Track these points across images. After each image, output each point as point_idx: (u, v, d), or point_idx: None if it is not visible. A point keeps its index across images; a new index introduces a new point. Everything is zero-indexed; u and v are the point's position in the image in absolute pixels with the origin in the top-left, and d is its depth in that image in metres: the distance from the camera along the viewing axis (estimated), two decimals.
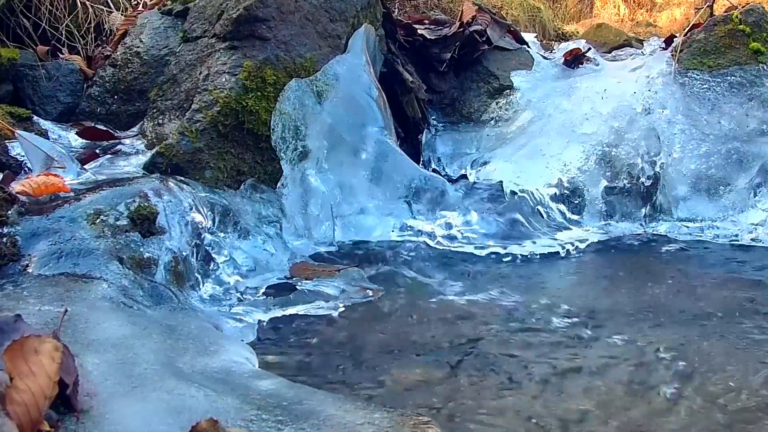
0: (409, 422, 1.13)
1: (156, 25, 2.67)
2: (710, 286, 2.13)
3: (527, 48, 3.27)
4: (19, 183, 1.77)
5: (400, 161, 2.54)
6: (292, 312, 1.83)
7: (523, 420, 1.38)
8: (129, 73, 2.60)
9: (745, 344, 1.73)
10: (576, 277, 2.27)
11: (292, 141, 2.31)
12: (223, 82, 2.25)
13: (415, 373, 1.56)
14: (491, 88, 3.06)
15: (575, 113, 2.85)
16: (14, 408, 0.89)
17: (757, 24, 2.85)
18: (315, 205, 2.35)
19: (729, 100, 2.75)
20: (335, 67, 2.43)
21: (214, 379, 1.24)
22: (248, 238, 2.07)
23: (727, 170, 2.62)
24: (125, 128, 2.51)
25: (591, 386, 1.52)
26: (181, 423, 1.02)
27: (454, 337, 1.75)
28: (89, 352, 1.17)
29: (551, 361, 1.63)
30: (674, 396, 1.48)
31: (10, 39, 2.98)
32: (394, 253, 2.34)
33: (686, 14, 8.54)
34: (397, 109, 2.79)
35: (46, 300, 1.35)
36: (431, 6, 5.46)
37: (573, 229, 2.58)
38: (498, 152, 2.82)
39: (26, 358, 0.95)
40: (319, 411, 1.14)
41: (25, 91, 2.57)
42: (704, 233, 2.57)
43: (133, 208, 1.71)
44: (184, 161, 2.15)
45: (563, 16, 8.15)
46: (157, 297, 1.57)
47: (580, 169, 2.68)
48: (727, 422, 1.38)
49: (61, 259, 1.51)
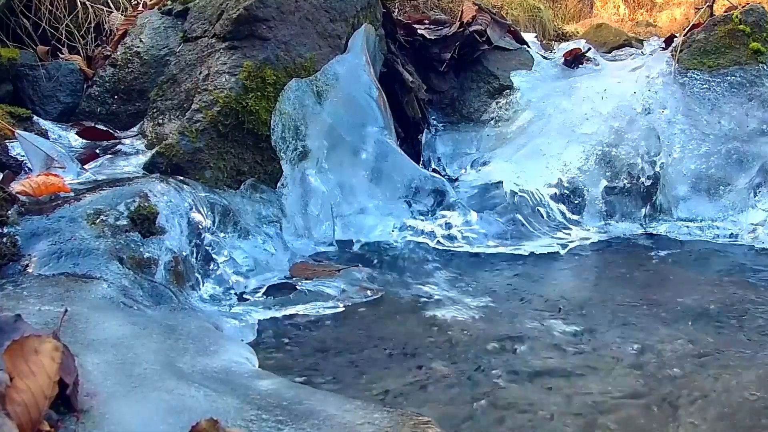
0: (409, 422, 1.13)
1: (156, 25, 2.67)
2: (710, 286, 2.13)
3: (527, 48, 3.27)
4: (19, 183, 1.77)
5: (400, 161, 2.54)
6: (292, 312, 1.83)
7: (523, 420, 1.38)
8: (129, 73, 2.60)
9: (745, 344, 1.74)
10: (576, 277, 2.27)
11: (292, 141, 2.31)
12: (223, 82, 2.25)
13: (415, 373, 1.56)
14: (491, 88, 3.06)
15: (575, 113, 2.85)
16: (14, 408, 0.89)
17: (757, 24, 2.86)
18: (315, 205, 2.35)
19: (729, 100, 2.75)
20: (335, 67, 2.43)
21: (214, 379, 1.24)
22: (248, 238, 2.07)
23: (727, 170, 2.62)
24: (125, 128, 2.51)
25: (591, 386, 1.52)
26: (181, 423, 1.02)
27: (454, 337, 1.75)
28: (89, 352, 1.17)
29: (551, 361, 1.63)
30: (674, 396, 1.48)
31: (10, 39, 2.98)
32: (394, 253, 2.34)
33: (686, 14, 8.53)
34: (397, 109, 2.79)
35: (46, 300, 1.35)
36: (431, 6, 5.46)
37: (573, 229, 2.58)
38: (498, 152, 2.82)
39: (26, 358, 0.95)
40: (319, 411, 1.14)
41: (25, 91, 2.57)
42: (704, 233, 2.57)
43: (133, 208, 1.71)
44: (184, 161, 2.15)
45: (563, 16, 8.14)
46: (157, 297, 1.57)
47: (580, 169, 2.68)
48: (726, 422, 1.38)
49: (61, 259, 1.51)
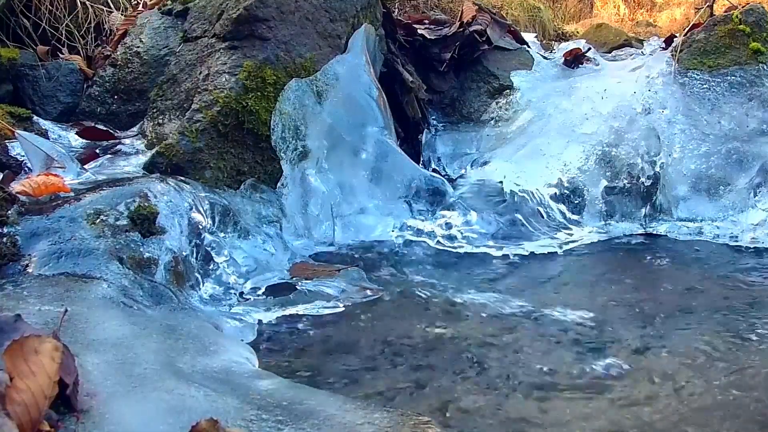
0: (409, 422, 1.13)
1: (156, 25, 2.67)
2: (710, 286, 2.13)
3: (527, 48, 3.27)
4: (19, 183, 1.77)
5: (400, 161, 2.54)
6: (292, 312, 1.83)
7: (523, 420, 1.38)
8: (129, 73, 2.60)
9: (744, 344, 1.74)
10: (576, 277, 2.27)
11: (292, 141, 2.31)
12: (223, 82, 2.25)
13: (415, 373, 1.56)
14: (491, 88, 3.06)
15: (575, 113, 2.85)
16: (14, 408, 0.89)
17: (757, 24, 2.85)
18: (315, 205, 2.35)
19: (729, 100, 2.74)
20: (335, 67, 2.43)
21: (214, 379, 1.24)
22: (248, 238, 2.07)
23: (727, 170, 2.62)
24: (125, 128, 2.51)
25: (590, 386, 1.52)
26: (181, 423, 1.02)
27: (454, 337, 1.75)
28: (89, 352, 1.17)
29: (551, 361, 1.63)
30: (673, 396, 1.48)
31: (10, 39, 2.98)
32: (394, 253, 2.34)
33: (686, 14, 8.53)
34: (397, 109, 2.79)
35: (46, 300, 1.35)
36: (431, 6, 5.46)
37: (573, 229, 2.57)
38: (498, 152, 2.82)
39: (26, 358, 0.95)
40: (319, 411, 1.14)
41: (25, 91, 2.57)
42: (704, 233, 2.56)
43: (133, 208, 1.71)
44: (184, 161, 2.15)
45: (563, 16, 8.14)
46: (157, 297, 1.57)
47: (580, 169, 2.68)
48: (728, 422, 1.38)
49: (61, 259, 1.51)
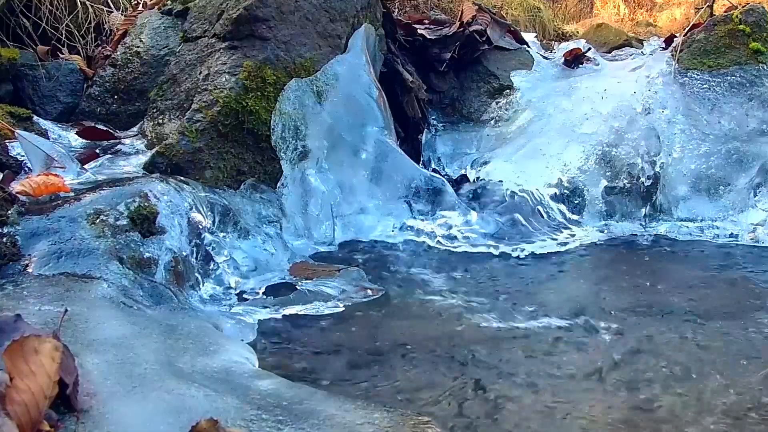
0: (409, 422, 1.13)
1: (156, 25, 2.67)
2: (710, 286, 2.13)
3: (527, 48, 3.27)
4: (19, 183, 1.77)
5: (400, 161, 2.54)
6: (292, 312, 1.83)
7: (523, 420, 1.38)
8: (129, 73, 2.60)
9: (744, 344, 1.74)
10: (576, 277, 2.27)
11: (292, 141, 2.31)
12: (223, 81, 2.25)
13: (415, 373, 1.56)
14: (491, 88, 3.06)
15: (575, 113, 2.85)
16: (14, 408, 0.89)
17: (757, 24, 2.85)
18: (315, 205, 2.35)
19: (729, 100, 2.74)
20: (335, 67, 2.43)
21: (214, 379, 1.24)
22: (248, 238, 2.07)
23: (727, 170, 2.62)
24: (125, 128, 2.51)
25: (590, 386, 1.52)
26: (181, 423, 1.02)
27: (454, 337, 1.75)
28: (89, 352, 1.17)
29: (551, 361, 1.63)
30: (673, 396, 1.48)
31: (10, 39, 2.98)
32: (394, 253, 2.34)
33: (686, 14, 8.53)
34: (397, 109, 2.79)
35: (46, 300, 1.35)
36: (431, 6, 5.46)
37: (573, 229, 2.57)
38: (498, 152, 2.82)
39: (26, 358, 0.95)
40: (319, 411, 1.14)
41: (25, 91, 2.57)
42: (704, 233, 2.56)
43: (133, 208, 1.71)
44: (184, 161, 2.15)
45: (563, 16, 8.14)
46: (157, 297, 1.57)
47: (580, 169, 2.68)
48: (729, 422, 1.38)
49: (61, 259, 1.51)
